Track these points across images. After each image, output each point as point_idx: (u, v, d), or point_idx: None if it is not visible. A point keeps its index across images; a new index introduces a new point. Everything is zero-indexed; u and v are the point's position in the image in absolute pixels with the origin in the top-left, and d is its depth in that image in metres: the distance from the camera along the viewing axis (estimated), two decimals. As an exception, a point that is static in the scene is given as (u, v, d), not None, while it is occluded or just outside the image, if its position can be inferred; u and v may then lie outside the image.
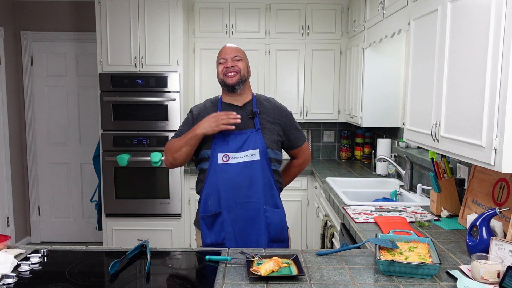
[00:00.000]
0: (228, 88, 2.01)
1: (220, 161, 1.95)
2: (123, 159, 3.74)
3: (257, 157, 1.95)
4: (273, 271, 1.46)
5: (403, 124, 2.74)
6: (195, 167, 2.11)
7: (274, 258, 1.52)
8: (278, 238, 2.02)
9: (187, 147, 1.97)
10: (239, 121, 1.92)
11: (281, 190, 2.11)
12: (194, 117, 2.07)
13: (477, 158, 1.57)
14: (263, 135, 1.98)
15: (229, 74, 1.98)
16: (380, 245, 1.59)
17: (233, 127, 1.91)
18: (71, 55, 4.49)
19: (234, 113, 1.93)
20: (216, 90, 4.11)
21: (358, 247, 1.75)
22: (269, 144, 1.98)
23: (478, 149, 1.56)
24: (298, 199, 3.89)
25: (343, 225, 2.41)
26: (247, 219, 1.97)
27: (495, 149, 1.47)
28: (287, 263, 1.53)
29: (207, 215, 1.99)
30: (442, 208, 2.27)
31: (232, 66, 1.98)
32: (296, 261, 1.54)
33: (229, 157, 1.95)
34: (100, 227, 4.01)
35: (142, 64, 3.76)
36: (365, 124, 3.48)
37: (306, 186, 3.88)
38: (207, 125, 1.92)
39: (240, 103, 2.05)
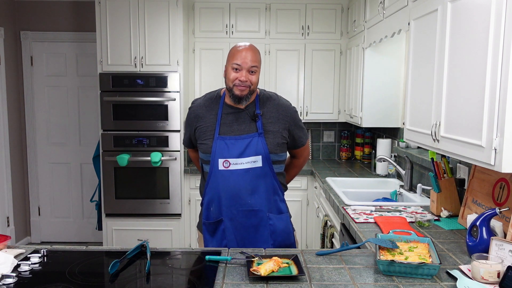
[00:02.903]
0: (235, 100, 1.89)
1: (220, 167, 1.88)
2: (123, 159, 3.74)
3: (259, 163, 1.88)
4: (273, 271, 1.45)
5: (403, 124, 2.74)
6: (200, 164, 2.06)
7: (274, 258, 1.52)
8: (285, 243, 1.98)
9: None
10: None
11: (285, 190, 2.04)
12: (194, 121, 2.01)
13: (477, 158, 1.57)
14: (266, 139, 1.89)
15: (240, 87, 1.85)
16: (380, 245, 1.59)
17: None
18: (71, 55, 4.49)
19: None
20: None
21: (358, 247, 1.75)
22: (272, 149, 1.90)
23: (478, 149, 1.56)
24: (298, 199, 3.89)
25: (343, 225, 2.41)
26: (250, 228, 1.92)
27: (495, 149, 1.47)
28: (287, 263, 1.53)
29: (209, 222, 1.96)
30: (442, 208, 2.26)
31: (245, 81, 1.84)
32: (296, 261, 1.53)
33: (229, 163, 1.87)
34: (100, 227, 4.01)
35: (142, 64, 3.76)
36: (365, 124, 3.48)
37: (306, 186, 3.88)
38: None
39: (243, 105, 1.93)
